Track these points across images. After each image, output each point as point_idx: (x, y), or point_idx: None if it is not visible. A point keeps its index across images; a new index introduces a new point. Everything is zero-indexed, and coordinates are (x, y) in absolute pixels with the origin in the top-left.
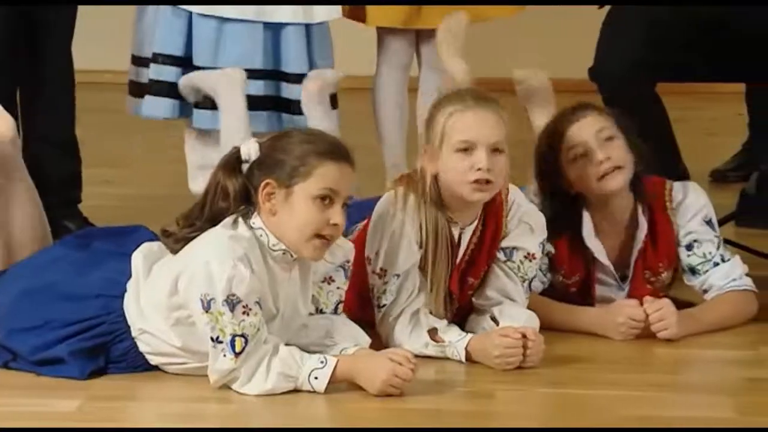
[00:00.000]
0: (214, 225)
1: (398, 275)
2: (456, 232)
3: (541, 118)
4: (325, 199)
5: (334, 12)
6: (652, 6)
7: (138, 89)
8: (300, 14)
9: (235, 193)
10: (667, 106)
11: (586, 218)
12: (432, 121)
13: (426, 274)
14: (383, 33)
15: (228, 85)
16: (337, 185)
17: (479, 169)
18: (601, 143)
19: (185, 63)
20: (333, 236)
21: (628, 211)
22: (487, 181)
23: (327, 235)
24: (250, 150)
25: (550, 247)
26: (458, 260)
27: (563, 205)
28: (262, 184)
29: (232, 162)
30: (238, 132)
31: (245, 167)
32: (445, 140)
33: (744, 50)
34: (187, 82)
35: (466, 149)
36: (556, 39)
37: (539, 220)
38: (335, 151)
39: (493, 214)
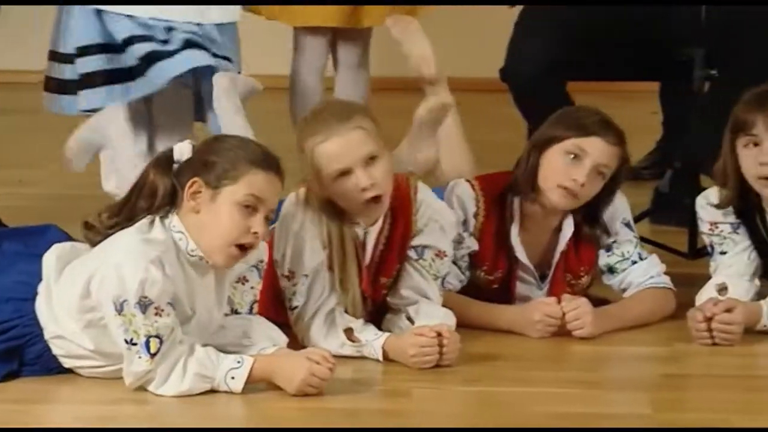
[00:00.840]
0: (132, 223)
1: (306, 275)
2: (360, 232)
3: (419, 56)
4: (249, 206)
5: (233, 13)
6: (563, 6)
7: (55, 85)
8: (198, 14)
9: (164, 191)
10: (582, 104)
11: (517, 217)
12: (303, 152)
13: (335, 274)
14: (299, 33)
15: (111, 123)
16: (263, 194)
17: (363, 189)
18: (591, 173)
19: (111, 49)
20: (252, 245)
21: (559, 218)
22: (377, 196)
23: (246, 244)
24: (183, 150)
25: (473, 243)
26: (367, 261)
27: (511, 192)
28: (190, 182)
29: (164, 161)
30: (134, 164)
31: (176, 168)
32: (321, 172)
33: (655, 49)
34: (77, 142)
35: (343, 174)
36: (469, 38)
37: (449, 219)
38: (266, 160)
39: (401, 213)
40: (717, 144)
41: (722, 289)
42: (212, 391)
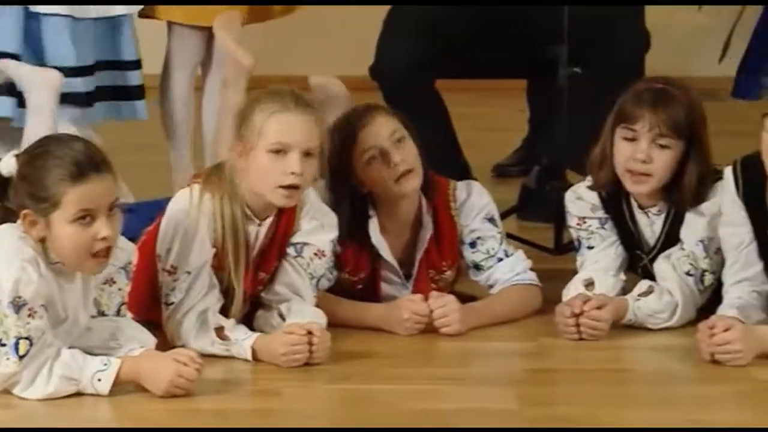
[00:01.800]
0: None
1: (189, 272)
2: (253, 230)
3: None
4: (85, 218)
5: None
6: (430, 5)
7: None
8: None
9: None
10: (450, 102)
11: (373, 216)
12: (248, 116)
13: (224, 275)
14: (173, 30)
15: (42, 86)
16: (91, 203)
17: (292, 173)
18: (394, 145)
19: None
20: (107, 249)
21: (414, 211)
22: (296, 186)
23: (100, 251)
24: (9, 167)
25: (336, 245)
26: (252, 256)
27: (351, 203)
28: (22, 214)
29: None
30: (42, 134)
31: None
32: (260, 139)
33: (521, 47)
34: (2, 67)
35: (279, 151)
36: (339, 37)
37: (331, 219)
38: (82, 168)
39: (287, 210)
40: (582, 140)
41: (589, 284)
42: (79, 393)
